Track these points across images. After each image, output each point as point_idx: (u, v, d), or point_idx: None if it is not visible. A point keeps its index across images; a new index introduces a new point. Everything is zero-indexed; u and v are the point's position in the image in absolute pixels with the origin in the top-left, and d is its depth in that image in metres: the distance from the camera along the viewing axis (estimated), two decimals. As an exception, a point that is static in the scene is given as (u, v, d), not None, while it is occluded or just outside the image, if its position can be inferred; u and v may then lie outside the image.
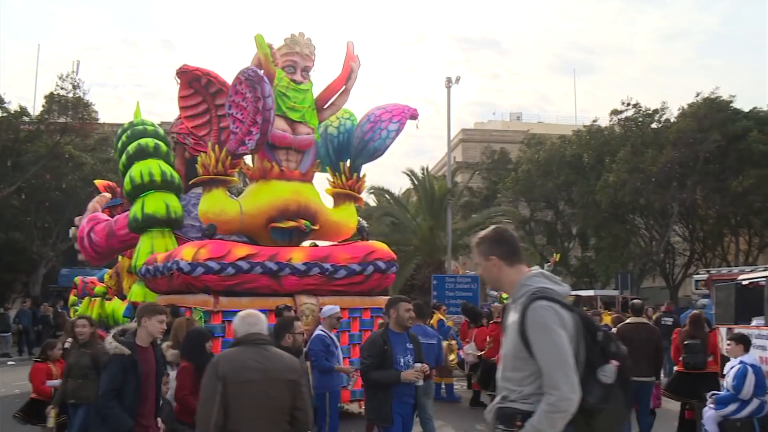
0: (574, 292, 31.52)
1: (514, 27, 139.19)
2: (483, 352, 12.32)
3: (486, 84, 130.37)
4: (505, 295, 18.17)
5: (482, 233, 3.39)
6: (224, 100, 10.75)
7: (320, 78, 11.75)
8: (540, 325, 2.96)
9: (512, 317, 3.10)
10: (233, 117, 10.43)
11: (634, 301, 10.72)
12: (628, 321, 9.79)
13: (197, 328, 7.29)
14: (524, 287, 3.12)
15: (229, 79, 10.84)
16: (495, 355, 10.54)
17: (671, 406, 11.38)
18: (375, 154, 11.78)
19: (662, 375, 10.27)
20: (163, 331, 5.90)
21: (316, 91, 11.58)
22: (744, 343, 7.40)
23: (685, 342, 9.42)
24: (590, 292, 32.38)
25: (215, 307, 9.88)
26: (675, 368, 9.80)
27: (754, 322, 7.71)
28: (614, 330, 11.08)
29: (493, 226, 3.49)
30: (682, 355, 9.36)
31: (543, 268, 19.96)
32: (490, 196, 41.75)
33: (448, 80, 26.16)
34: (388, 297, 11.62)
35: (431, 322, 12.51)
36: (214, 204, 10.81)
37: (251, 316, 4.60)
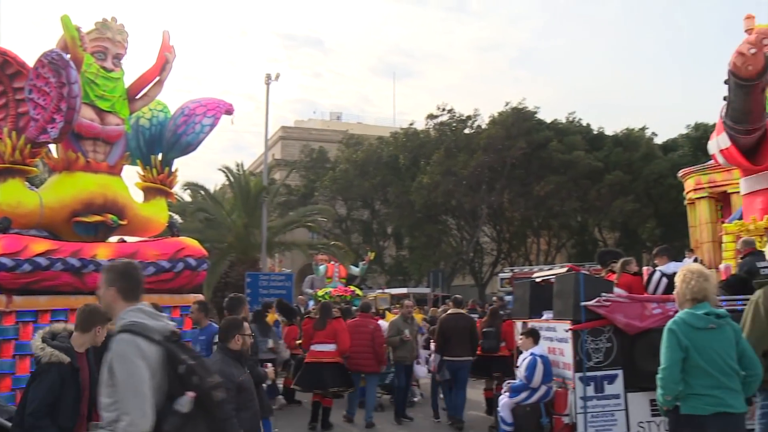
0: (388, 290, 32.35)
1: (337, 27, 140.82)
2: (294, 350, 12.51)
3: (308, 82, 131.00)
4: (320, 292, 18.30)
5: (113, 263, 3.70)
6: (24, 83, 10.03)
7: (133, 67, 11.30)
8: (119, 355, 3.23)
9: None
10: (34, 102, 9.74)
11: (456, 296, 12.50)
12: (449, 312, 11.49)
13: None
14: (120, 320, 3.39)
15: (31, 61, 10.13)
16: (307, 347, 10.88)
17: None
18: (188, 148, 11.48)
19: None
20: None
21: (128, 80, 11.11)
22: (533, 336, 8.01)
23: (483, 330, 11.27)
24: (403, 290, 33.36)
25: (7, 307, 9.18)
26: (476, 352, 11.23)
27: (544, 316, 8.32)
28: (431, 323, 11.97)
29: (125, 261, 3.78)
30: (481, 340, 11.11)
31: (358, 266, 20.29)
32: (308, 194, 41.97)
33: (268, 77, 26.06)
34: (198, 295, 11.41)
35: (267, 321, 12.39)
36: (9, 195, 10.04)
37: None
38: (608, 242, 39.12)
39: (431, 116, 38.27)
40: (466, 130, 37.62)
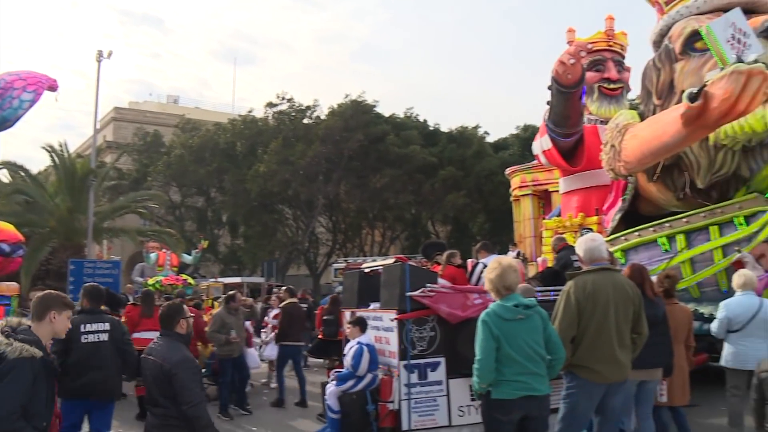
0: (221, 279, 31.83)
1: (178, 7, 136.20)
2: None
3: (145, 62, 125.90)
4: (151, 281, 17.73)
5: None
6: None
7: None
8: None
9: None
10: None
11: (290, 286, 13.82)
12: (288, 301, 12.27)
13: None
14: None
15: None
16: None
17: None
18: (4, 124, 10.76)
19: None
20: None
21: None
22: (360, 325, 8.15)
23: (324, 317, 12.35)
24: (237, 279, 32.93)
25: None
26: (318, 337, 12.50)
27: (371, 306, 8.50)
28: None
29: None
30: (322, 327, 12.25)
31: (191, 254, 19.92)
32: (141, 179, 40.39)
33: (100, 54, 24.79)
34: (12, 283, 10.71)
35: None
36: None
37: None
38: (440, 235, 40.45)
39: (270, 104, 37.97)
40: (305, 120, 37.62)
